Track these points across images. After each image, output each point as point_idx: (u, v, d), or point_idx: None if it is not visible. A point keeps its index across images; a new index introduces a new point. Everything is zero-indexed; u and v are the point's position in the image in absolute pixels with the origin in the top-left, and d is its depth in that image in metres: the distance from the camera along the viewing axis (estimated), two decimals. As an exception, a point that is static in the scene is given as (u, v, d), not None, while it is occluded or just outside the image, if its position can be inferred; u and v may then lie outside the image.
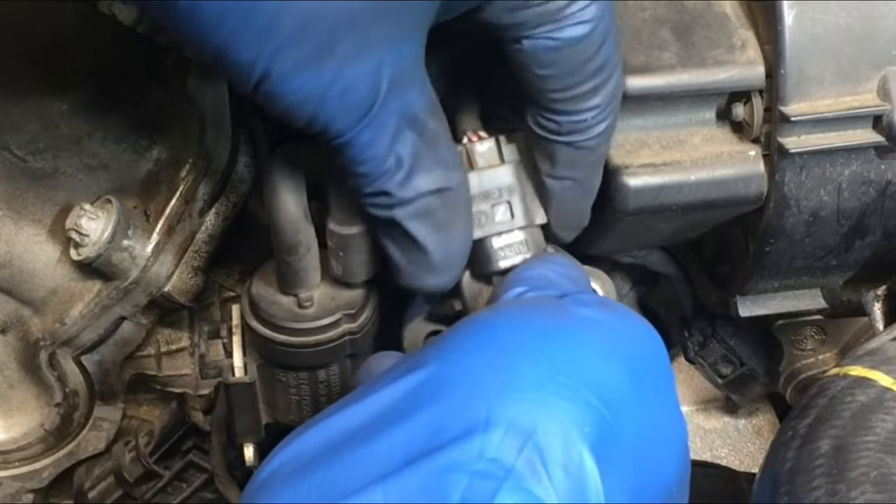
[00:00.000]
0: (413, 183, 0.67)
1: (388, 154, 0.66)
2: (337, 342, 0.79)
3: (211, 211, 0.92)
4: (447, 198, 0.69)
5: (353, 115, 0.63)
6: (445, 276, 0.72)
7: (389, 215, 0.68)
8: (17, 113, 0.87)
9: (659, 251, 0.97)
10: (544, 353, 0.57)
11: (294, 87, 0.62)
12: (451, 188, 0.69)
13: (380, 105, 0.63)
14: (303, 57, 0.61)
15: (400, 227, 0.69)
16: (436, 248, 0.70)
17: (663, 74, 0.76)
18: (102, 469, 1.05)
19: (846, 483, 0.65)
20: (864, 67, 0.76)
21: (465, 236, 0.71)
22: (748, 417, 1.13)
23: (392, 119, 0.65)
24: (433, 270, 0.71)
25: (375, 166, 0.66)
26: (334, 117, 0.63)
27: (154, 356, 1.00)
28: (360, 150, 0.65)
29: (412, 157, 0.66)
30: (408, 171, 0.67)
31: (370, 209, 0.69)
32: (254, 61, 0.61)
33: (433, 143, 0.67)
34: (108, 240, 0.88)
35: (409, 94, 0.65)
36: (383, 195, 0.67)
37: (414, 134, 0.66)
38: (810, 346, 1.02)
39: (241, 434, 0.85)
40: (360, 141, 0.64)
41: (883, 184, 0.80)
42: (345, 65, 0.61)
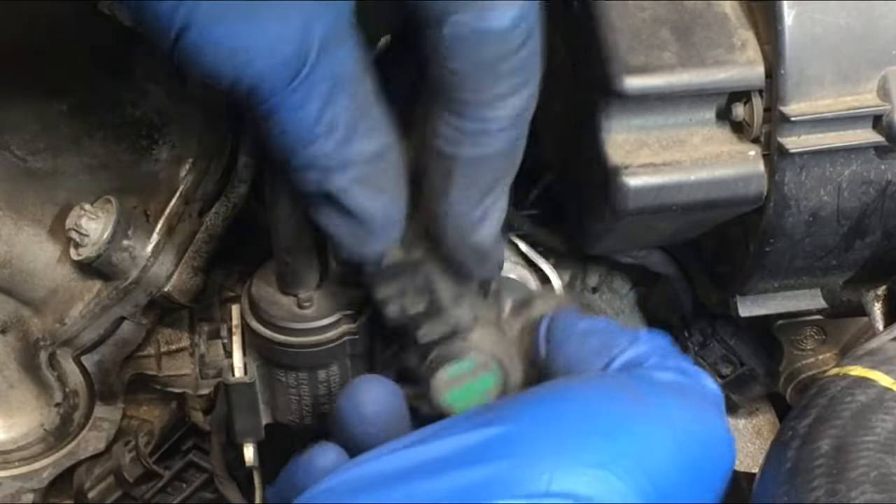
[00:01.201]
0: (347, 150, 0.64)
1: (320, 118, 0.62)
2: (337, 342, 0.79)
3: (211, 211, 0.92)
4: (383, 161, 0.66)
5: (282, 76, 0.60)
6: (386, 241, 0.70)
7: (324, 188, 0.65)
8: (17, 113, 0.87)
9: (659, 251, 0.97)
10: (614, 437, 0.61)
11: (217, 40, 0.59)
12: (387, 149, 0.66)
13: (311, 65, 0.60)
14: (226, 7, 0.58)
15: (335, 197, 0.66)
16: (376, 215, 0.67)
17: (663, 74, 0.76)
18: (102, 469, 1.05)
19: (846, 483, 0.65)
20: (864, 67, 0.76)
21: (402, 198, 0.69)
22: (748, 417, 1.13)
23: (324, 81, 0.61)
24: (374, 237, 0.69)
25: (306, 132, 0.63)
26: (261, 77, 0.60)
27: (154, 356, 1.00)
28: (290, 114, 0.62)
29: (347, 122, 0.63)
30: (343, 137, 0.63)
31: (303, 184, 0.65)
32: (173, 11, 0.57)
33: (366, 106, 0.64)
34: (108, 240, 0.88)
35: (341, 53, 0.62)
36: (315, 165, 0.64)
37: (347, 97, 0.63)
38: (810, 346, 1.02)
39: (241, 434, 0.84)
40: (290, 103, 0.61)
41: (883, 184, 0.80)
42: (271, 19, 0.59)
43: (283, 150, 0.64)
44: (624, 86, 0.75)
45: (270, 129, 0.63)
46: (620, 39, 0.76)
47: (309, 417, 0.83)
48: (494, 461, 0.59)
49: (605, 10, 0.77)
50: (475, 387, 0.75)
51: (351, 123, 0.63)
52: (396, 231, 0.70)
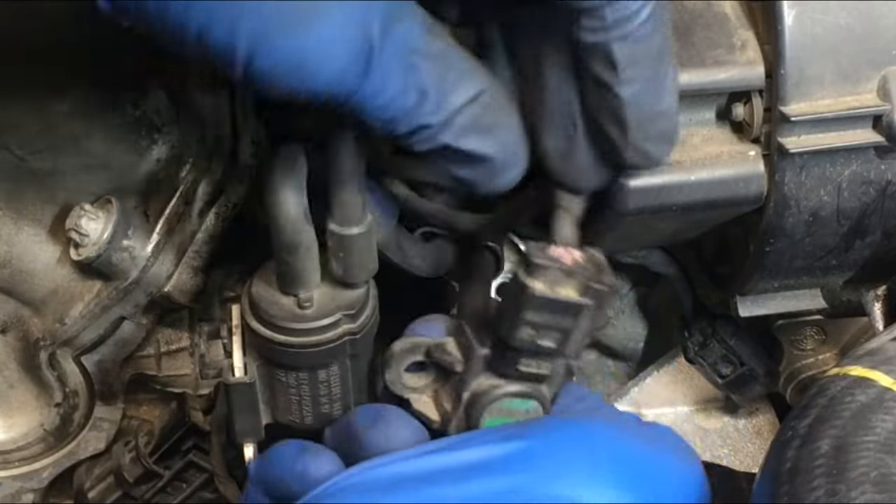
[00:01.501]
0: (445, 105, 0.66)
1: (407, 90, 0.64)
2: (337, 342, 0.79)
3: (211, 211, 0.92)
4: (483, 102, 0.68)
5: (355, 71, 0.62)
6: (516, 169, 0.71)
7: (437, 143, 0.67)
8: (17, 113, 0.87)
9: (659, 251, 0.97)
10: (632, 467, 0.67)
11: (284, 58, 0.60)
12: (483, 91, 0.67)
13: (378, 51, 0.62)
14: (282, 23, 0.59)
15: (452, 148, 0.67)
16: (495, 151, 0.69)
17: (663, 74, 0.76)
18: (102, 469, 1.05)
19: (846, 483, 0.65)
20: (864, 67, 0.76)
21: (516, 126, 0.71)
22: (748, 417, 1.13)
23: (395, 59, 0.63)
24: (502, 171, 0.70)
25: (399, 108, 0.64)
26: (336, 80, 0.62)
27: (154, 356, 1.00)
28: (376, 98, 0.63)
29: (434, 84, 0.65)
30: (436, 98, 0.65)
31: (415, 146, 0.67)
32: (234, 41, 0.59)
33: (447, 61, 0.66)
34: (108, 240, 0.88)
35: (403, 27, 0.63)
36: (421, 129, 0.66)
37: (425, 62, 0.64)
38: (810, 346, 1.02)
39: (241, 434, 0.84)
40: (372, 90, 0.63)
41: (883, 184, 0.80)
42: (328, 20, 0.60)
43: (386, 128, 0.66)
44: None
45: (365, 118, 0.65)
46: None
47: (309, 417, 0.83)
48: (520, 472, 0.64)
49: (605, 10, 0.77)
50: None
51: (439, 83, 0.65)
52: (522, 159, 0.71)
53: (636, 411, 1.11)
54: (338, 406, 0.82)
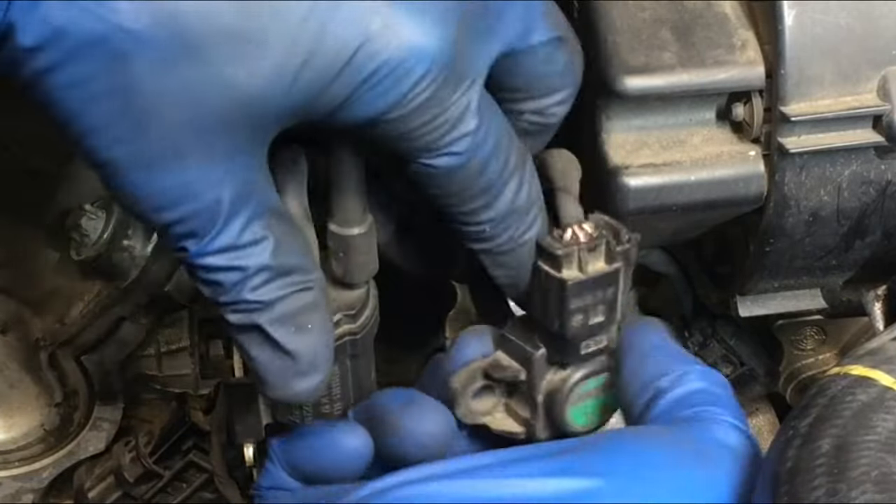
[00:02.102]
0: (271, 287, 0.66)
1: (244, 257, 0.64)
2: (337, 343, 0.79)
3: (211, 211, 0.92)
4: (306, 299, 0.67)
5: (207, 226, 0.63)
6: (315, 379, 0.70)
7: (251, 321, 0.66)
8: (17, 113, 0.87)
9: (659, 251, 0.97)
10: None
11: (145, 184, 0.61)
12: (309, 289, 0.68)
13: (226, 216, 0.62)
14: (147, 155, 0.60)
15: (263, 332, 0.67)
16: (302, 352, 0.68)
17: (663, 74, 0.76)
18: (102, 469, 1.05)
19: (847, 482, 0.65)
20: (864, 67, 0.76)
21: (327, 335, 0.70)
22: (748, 417, 1.13)
23: (241, 228, 0.64)
24: (302, 375, 0.69)
25: (231, 275, 0.65)
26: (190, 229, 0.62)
27: (154, 356, 1.00)
28: (215, 255, 0.64)
29: (269, 262, 0.65)
30: (266, 277, 0.65)
31: (230, 315, 0.67)
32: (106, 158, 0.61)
33: (287, 246, 0.66)
34: (108, 240, 0.88)
35: (255, 201, 0.64)
36: (243, 303, 0.66)
37: (268, 239, 0.65)
38: (810, 346, 1.02)
39: (241, 434, 0.84)
40: (212, 250, 0.63)
41: (883, 184, 0.80)
42: (188, 171, 0.61)
43: (210, 289, 0.65)
44: (624, 86, 0.75)
45: (196, 273, 0.65)
46: (620, 40, 0.76)
47: (309, 418, 0.83)
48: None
49: (605, 11, 0.77)
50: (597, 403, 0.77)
51: (274, 264, 0.65)
52: (325, 369, 0.70)
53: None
54: (338, 406, 0.82)
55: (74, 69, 0.58)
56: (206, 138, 0.61)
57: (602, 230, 0.73)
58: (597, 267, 0.72)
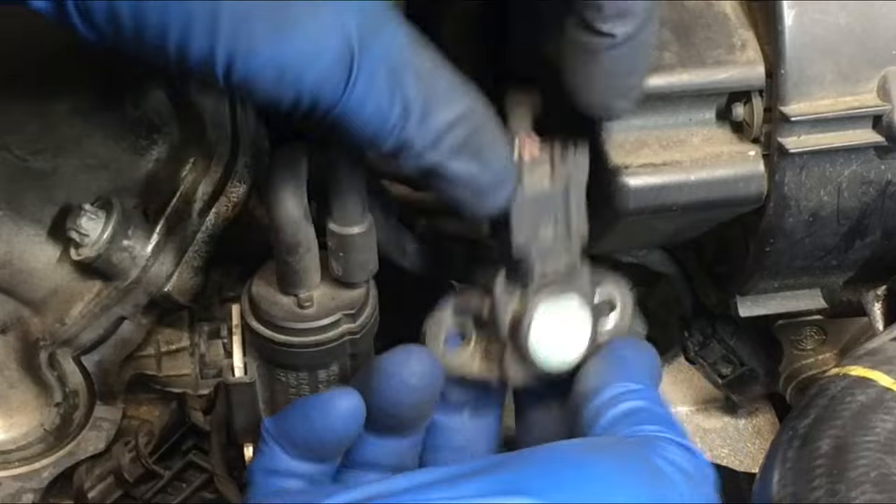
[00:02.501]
0: (431, 123, 0.64)
1: (392, 104, 0.63)
2: (337, 342, 0.79)
3: (211, 211, 0.92)
4: (471, 123, 0.66)
5: (336, 77, 0.61)
6: (504, 191, 0.70)
7: (424, 163, 0.65)
8: (17, 113, 0.87)
9: (659, 251, 0.97)
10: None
11: (263, 66, 0.60)
12: (471, 111, 0.66)
13: (359, 56, 0.61)
14: (259, 32, 0.59)
15: (439, 170, 0.66)
16: (482, 174, 0.68)
17: (663, 74, 0.76)
18: (102, 469, 1.05)
19: (846, 483, 0.65)
20: (864, 67, 0.76)
21: (503, 149, 0.70)
22: (748, 417, 1.13)
23: (379, 67, 0.62)
24: (487, 194, 0.69)
25: (383, 121, 0.63)
26: (318, 88, 0.61)
27: (154, 356, 0.99)
28: (360, 111, 0.62)
29: (419, 98, 0.63)
30: (421, 113, 0.63)
31: (400, 166, 0.65)
32: (213, 52, 0.59)
33: (433, 76, 0.64)
34: (108, 240, 0.88)
35: (386, 34, 0.62)
36: (406, 147, 0.64)
37: (409, 73, 0.63)
38: (810, 346, 1.02)
39: (241, 434, 0.85)
40: (355, 101, 0.62)
41: (883, 184, 0.80)
42: (305, 27, 0.59)
43: (369, 144, 0.64)
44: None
45: (350, 132, 0.63)
46: None
47: (309, 417, 0.83)
48: None
49: (605, 10, 0.77)
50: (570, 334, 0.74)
51: (424, 99, 0.64)
52: (509, 181, 0.71)
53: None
54: (338, 406, 0.83)
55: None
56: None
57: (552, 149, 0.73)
58: (546, 179, 0.72)
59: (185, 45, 0.59)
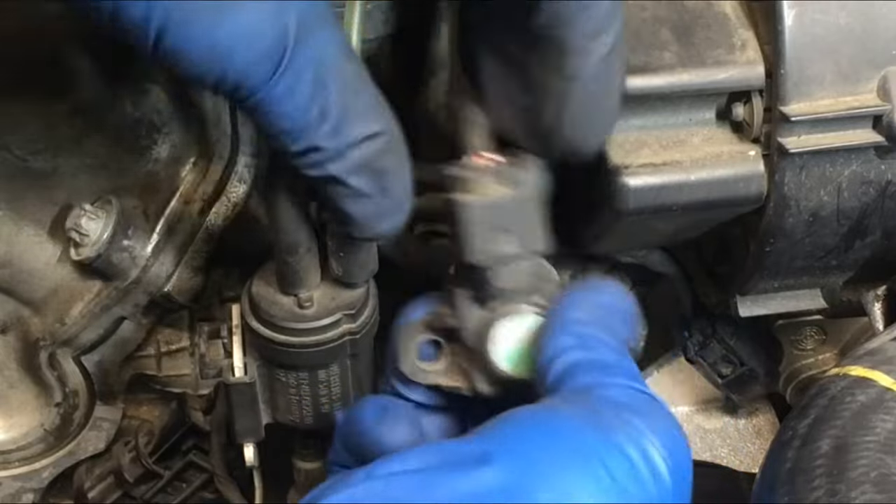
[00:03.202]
0: (344, 133, 0.64)
1: (311, 105, 0.62)
2: (337, 342, 0.79)
3: (211, 211, 0.92)
4: (382, 142, 0.66)
5: (265, 68, 0.60)
6: (398, 218, 0.70)
7: (325, 172, 0.65)
8: (17, 113, 0.87)
9: (659, 251, 0.97)
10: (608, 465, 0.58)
11: (193, 40, 0.59)
12: (384, 131, 0.66)
13: (291, 51, 0.61)
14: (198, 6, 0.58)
15: (339, 181, 0.66)
16: (382, 195, 0.67)
17: (663, 74, 0.76)
18: (102, 469, 1.05)
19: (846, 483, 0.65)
20: (864, 67, 0.76)
21: (407, 178, 0.69)
22: (748, 417, 1.13)
23: (308, 66, 0.61)
24: (384, 216, 0.69)
25: (299, 119, 0.63)
26: (244, 72, 0.60)
27: (154, 356, 1.00)
28: (280, 104, 0.62)
29: (337, 105, 0.63)
30: (336, 122, 0.63)
31: (303, 169, 0.65)
32: (147, 16, 0.58)
33: (356, 88, 0.64)
34: (108, 240, 0.88)
35: (321, 37, 0.62)
36: (313, 151, 0.64)
37: (335, 80, 0.63)
38: (810, 346, 1.02)
39: (241, 434, 0.85)
40: (278, 93, 0.61)
41: (883, 184, 0.80)
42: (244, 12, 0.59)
43: (279, 140, 0.64)
44: (625, 85, 0.75)
45: (263, 122, 0.63)
46: (621, 39, 0.76)
47: (309, 417, 0.83)
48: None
49: (605, 10, 0.77)
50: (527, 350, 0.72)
51: (343, 107, 0.63)
52: (407, 206, 0.70)
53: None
54: (338, 406, 0.83)
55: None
56: None
57: (508, 159, 0.72)
58: (498, 192, 0.71)
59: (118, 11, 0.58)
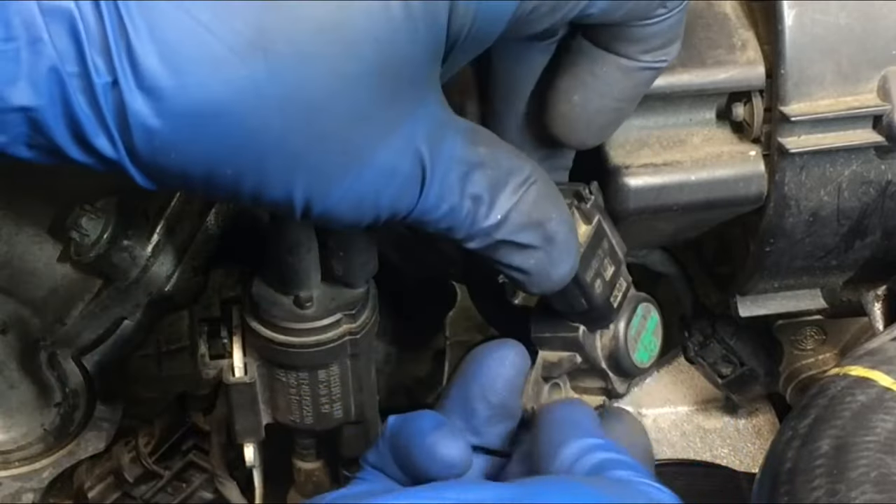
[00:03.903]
0: (498, 205, 0.66)
1: (462, 200, 0.65)
2: (337, 342, 0.79)
3: (211, 211, 0.92)
4: (533, 193, 0.68)
5: (412, 191, 0.63)
6: (568, 262, 0.71)
7: (491, 241, 0.67)
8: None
9: (659, 251, 0.97)
10: None
11: (341, 200, 0.61)
12: (530, 180, 0.68)
13: (430, 168, 0.62)
14: (331, 170, 0.60)
15: (507, 243, 0.68)
16: (548, 244, 0.69)
17: (664, 74, 0.76)
18: (102, 469, 1.05)
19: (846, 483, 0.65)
20: (864, 67, 0.76)
21: (565, 215, 0.71)
22: (748, 417, 1.13)
23: (449, 170, 0.64)
24: (555, 263, 0.70)
25: (457, 216, 0.65)
26: (394, 203, 0.63)
27: (154, 356, 0.99)
28: (434, 212, 0.64)
29: (486, 187, 0.65)
30: (489, 200, 0.66)
31: (471, 245, 0.68)
32: (290, 197, 0.60)
33: (495, 162, 0.66)
34: (109, 240, 0.88)
35: (450, 138, 0.64)
36: (477, 233, 0.67)
37: (474, 168, 0.65)
38: (810, 346, 1.02)
39: (241, 434, 0.85)
40: (430, 205, 0.64)
41: (883, 184, 0.80)
42: (376, 158, 0.60)
43: (446, 235, 0.66)
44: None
45: (426, 228, 0.66)
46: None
47: (309, 417, 0.83)
48: None
49: (605, 10, 0.77)
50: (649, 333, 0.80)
51: (491, 186, 0.66)
52: (573, 248, 0.71)
53: (636, 411, 1.11)
54: (338, 406, 0.83)
55: None
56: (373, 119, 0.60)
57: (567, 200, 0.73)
58: (582, 232, 0.73)
59: (260, 196, 0.60)
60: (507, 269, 0.70)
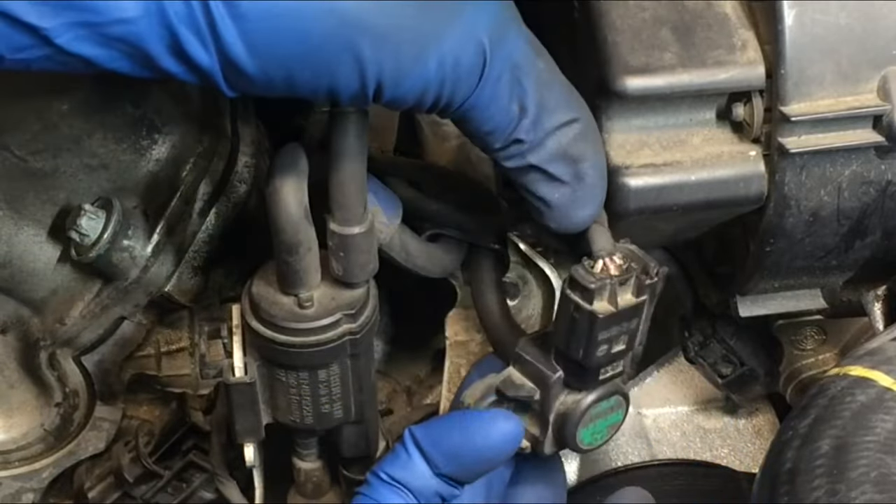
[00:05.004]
0: (541, 124, 0.69)
1: (511, 104, 0.68)
2: (337, 342, 0.79)
3: (211, 211, 0.92)
4: (577, 129, 0.71)
5: (470, 81, 0.65)
6: (591, 207, 0.74)
7: (525, 162, 0.70)
8: (17, 113, 0.87)
9: (659, 251, 0.97)
10: None
11: (410, 84, 0.64)
12: (577, 119, 0.71)
13: (490, 61, 0.65)
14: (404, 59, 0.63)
15: (538, 170, 0.71)
16: (578, 183, 0.72)
17: (663, 75, 0.76)
18: (102, 469, 1.05)
19: (846, 483, 0.65)
20: (864, 67, 0.76)
21: (601, 161, 0.74)
22: (748, 417, 1.13)
23: (505, 70, 0.66)
24: (578, 203, 0.73)
25: (501, 119, 0.68)
26: (453, 91, 0.65)
27: (154, 356, 1.00)
28: (484, 109, 0.67)
29: (534, 100, 0.68)
30: (534, 115, 0.69)
31: (505, 161, 0.71)
32: (364, 83, 0.63)
33: (549, 81, 0.69)
34: (109, 240, 0.88)
35: (512, 40, 0.67)
36: (515, 144, 0.69)
37: (529, 77, 0.68)
38: (810, 346, 1.02)
39: (241, 434, 0.85)
40: (482, 101, 0.67)
41: (883, 184, 0.80)
42: (444, 42, 0.63)
43: (483, 140, 0.70)
44: (624, 86, 0.75)
45: (468, 127, 0.69)
46: (621, 40, 0.76)
47: (309, 417, 0.83)
48: None
49: (605, 11, 0.77)
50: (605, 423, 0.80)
51: (539, 101, 0.69)
52: (601, 195, 0.75)
53: (636, 411, 1.11)
54: (338, 406, 0.83)
55: None
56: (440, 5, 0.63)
57: (631, 262, 0.75)
58: (625, 299, 0.74)
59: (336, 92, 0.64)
60: (532, 197, 0.73)
